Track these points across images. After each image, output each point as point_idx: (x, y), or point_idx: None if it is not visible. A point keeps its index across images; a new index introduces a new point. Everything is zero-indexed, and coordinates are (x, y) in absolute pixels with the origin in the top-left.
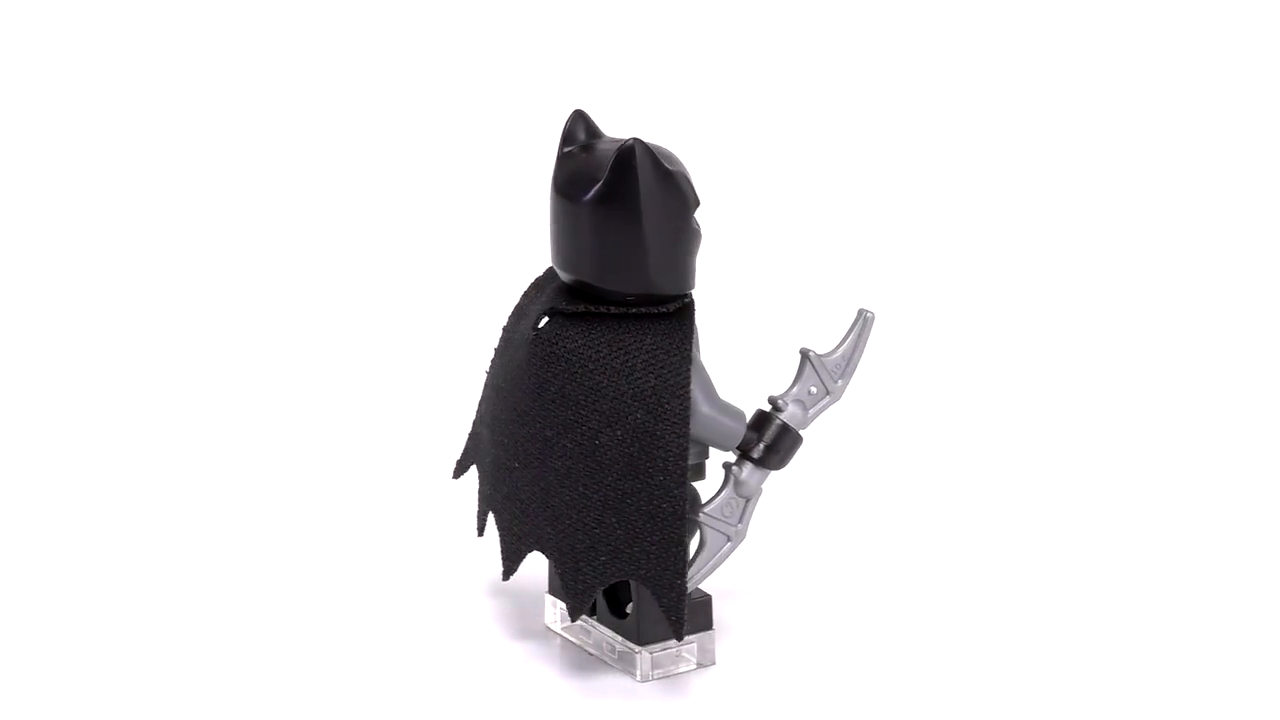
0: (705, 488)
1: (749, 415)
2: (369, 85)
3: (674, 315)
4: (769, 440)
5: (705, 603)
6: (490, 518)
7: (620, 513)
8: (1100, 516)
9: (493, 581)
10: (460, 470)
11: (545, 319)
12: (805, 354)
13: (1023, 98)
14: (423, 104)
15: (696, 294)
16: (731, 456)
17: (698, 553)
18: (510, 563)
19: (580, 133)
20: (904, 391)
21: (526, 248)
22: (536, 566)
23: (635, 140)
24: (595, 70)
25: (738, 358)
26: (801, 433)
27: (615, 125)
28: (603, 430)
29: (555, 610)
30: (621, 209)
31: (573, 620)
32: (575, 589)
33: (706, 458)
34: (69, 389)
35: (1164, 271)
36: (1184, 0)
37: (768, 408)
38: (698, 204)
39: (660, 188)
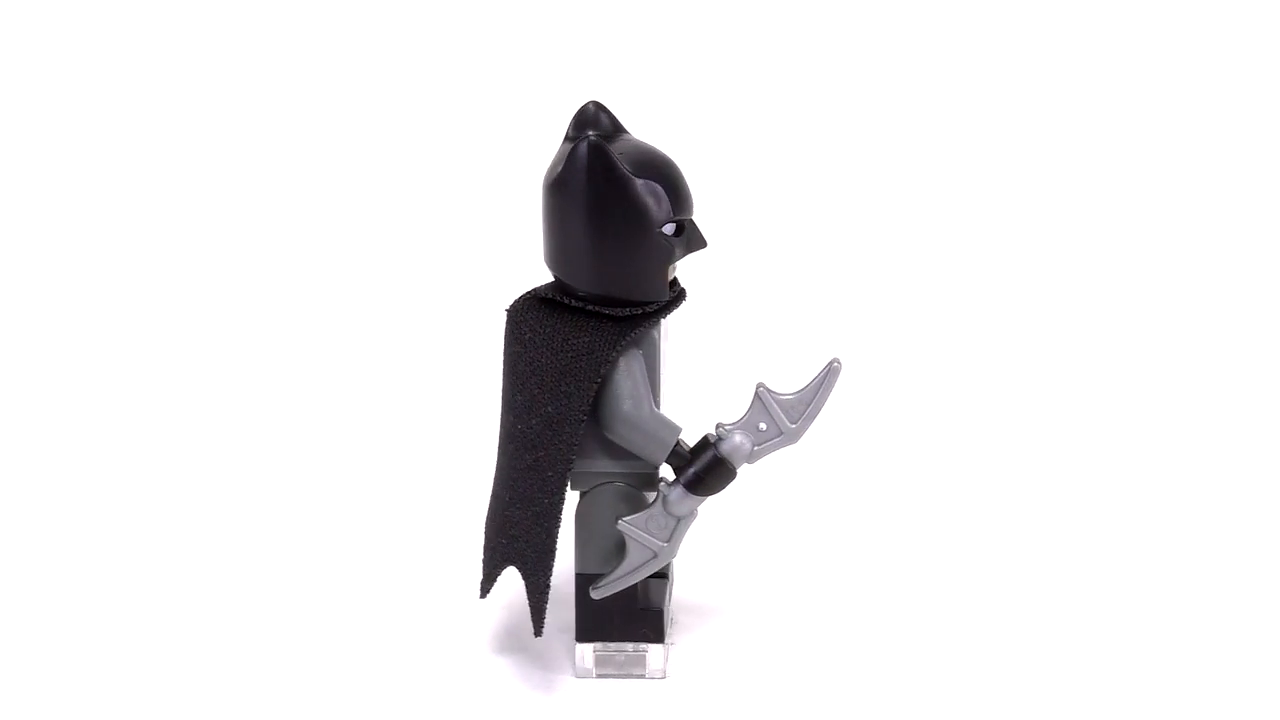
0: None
1: (693, 435)
2: (371, 86)
3: (624, 320)
4: (699, 468)
5: (656, 615)
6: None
7: (521, 501)
8: (1084, 540)
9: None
10: None
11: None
12: (757, 389)
13: (1015, 109)
14: (432, 105)
15: (691, 305)
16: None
17: (619, 562)
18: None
19: (604, 123)
20: (888, 400)
21: (526, 246)
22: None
23: (591, 139)
24: (606, 73)
25: (727, 372)
26: (742, 466)
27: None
28: (523, 416)
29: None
30: (573, 205)
31: (481, 597)
32: (485, 567)
33: (657, 469)
34: (69, 391)
35: (1154, 294)
36: (1183, 1)
37: (715, 433)
38: (668, 217)
39: (614, 192)
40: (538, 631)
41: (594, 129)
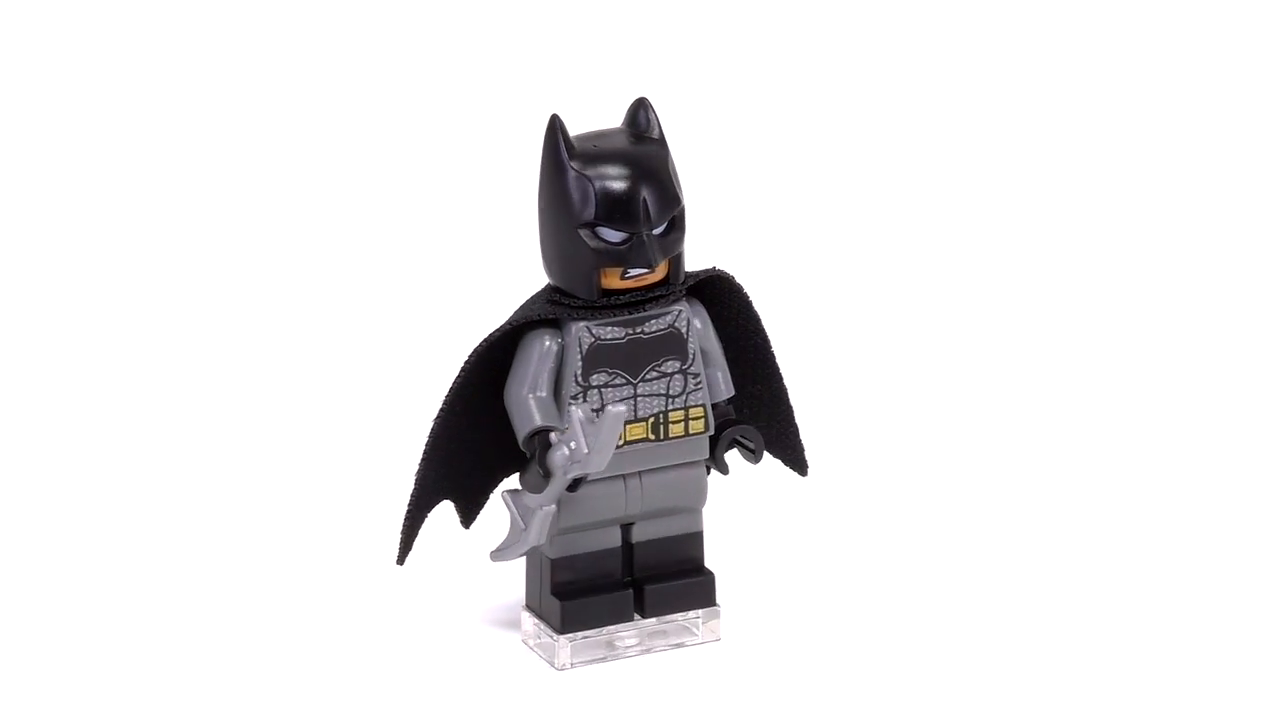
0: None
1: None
2: (371, 87)
3: (553, 304)
4: (530, 473)
5: (555, 610)
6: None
7: None
8: (1090, 533)
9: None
10: None
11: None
12: (570, 412)
13: (1010, 114)
14: (433, 105)
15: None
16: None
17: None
18: None
19: (647, 125)
20: (893, 397)
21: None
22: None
23: (554, 116)
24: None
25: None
26: (558, 475)
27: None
28: None
29: None
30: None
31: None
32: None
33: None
34: (60, 389)
35: (1155, 300)
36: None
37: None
38: (598, 220)
39: (546, 174)
40: (398, 560)
41: (631, 125)
